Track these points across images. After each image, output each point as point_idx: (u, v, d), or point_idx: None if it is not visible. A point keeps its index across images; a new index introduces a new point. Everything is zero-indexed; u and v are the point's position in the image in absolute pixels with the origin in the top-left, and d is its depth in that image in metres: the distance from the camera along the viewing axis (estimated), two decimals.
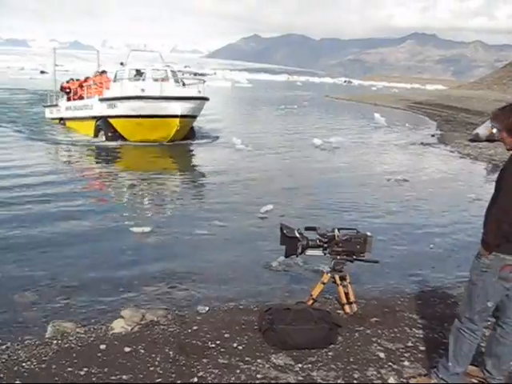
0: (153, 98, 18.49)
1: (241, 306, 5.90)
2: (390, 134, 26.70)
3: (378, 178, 14.60)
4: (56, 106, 25.56)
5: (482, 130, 21.78)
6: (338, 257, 5.64)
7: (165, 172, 15.25)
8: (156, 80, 19.74)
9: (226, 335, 5.00)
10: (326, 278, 5.71)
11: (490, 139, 20.99)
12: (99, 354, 4.60)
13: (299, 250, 5.64)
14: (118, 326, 5.19)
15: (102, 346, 4.74)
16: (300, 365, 4.49)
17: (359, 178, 14.66)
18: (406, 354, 4.76)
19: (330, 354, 4.70)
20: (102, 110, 20.20)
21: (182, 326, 5.24)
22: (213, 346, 4.79)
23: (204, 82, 21.55)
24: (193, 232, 8.91)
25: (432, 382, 4.17)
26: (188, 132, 20.43)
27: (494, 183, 3.93)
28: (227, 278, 6.99)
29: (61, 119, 25.03)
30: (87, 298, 6.20)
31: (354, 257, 5.67)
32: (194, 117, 20.09)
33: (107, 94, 20.30)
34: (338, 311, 5.63)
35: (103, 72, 22.95)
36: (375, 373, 4.41)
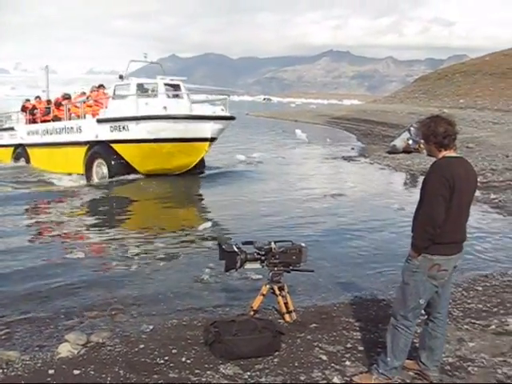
0: (180, 117, 15.34)
1: (184, 323, 6.01)
2: (312, 149, 27.50)
3: (304, 192, 15.03)
4: (8, 129, 21.92)
5: (399, 142, 22.81)
6: (276, 268, 5.89)
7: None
8: (169, 97, 16.67)
9: (173, 351, 5.13)
10: (265, 289, 5.94)
11: (407, 150, 22.07)
12: (49, 379, 4.61)
13: (238, 264, 5.85)
14: (65, 350, 5.20)
15: (51, 371, 4.74)
16: (249, 373, 4.69)
17: (285, 192, 15.06)
18: (346, 355, 5.06)
19: (275, 360, 4.94)
20: (100, 133, 16.49)
21: (128, 345, 5.31)
22: (162, 361, 4.91)
23: (228, 96, 18.39)
24: (125, 254, 8.97)
25: (373, 377, 4.48)
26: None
27: (413, 192, 4.34)
28: (166, 296, 7.08)
29: (16, 148, 21.29)
30: (28, 326, 6.13)
31: (291, 267, 5.94)
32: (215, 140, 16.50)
33: (109, 113, 16.53)
34: (279, 320, 5.86)
35: (100, 86, 18.93)
36: (320, 374, 4.67)
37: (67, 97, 19.48)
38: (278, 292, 5.87)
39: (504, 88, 51.57)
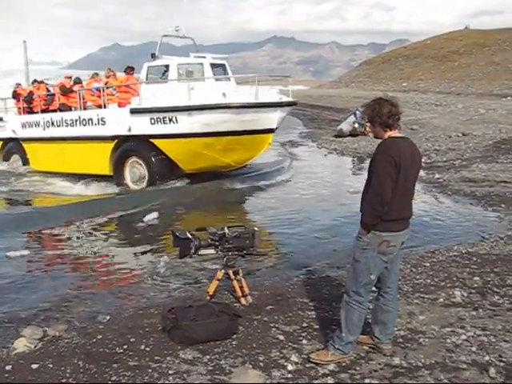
0: (247, 106, 12.53)
1: (141, 311, 6.02)
2: None
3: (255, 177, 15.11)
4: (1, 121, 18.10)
5: (345, 126, 23.18)
6: (230, 253, 5.96)
7: None
8: (218, 80, 14.30)
9: (131, 339, 5.15)
10: (220, 274, 6.02)
11: (353, 134, 22.46)
12: (6, 375, 4.56)
13: (192, 250, 5.91)
14: (21, 346, 5.15)
15: (8, 367, 4.69)
16: (208, 356, 4.76)
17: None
18: (303, 334, 5.19)
19: (233, 343, 5.02)
20: (135, 126, 13.47)
21: (85, 337, 5.30)
22: (121, 351, 4.93)
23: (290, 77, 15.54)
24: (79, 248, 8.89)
25: (330, 353, 4.62)
26: None
27: (361, 173, 4.50)
28: (121, 287, 7.07)
29: (6, 143, 18.04)
30: None
31: (245, 252, 6.03)
32: None
33: (145, 102, 13.32)
34: (235, 304, 5.95)
35: (130, 69, 14.81)
36: (278, 353, 4.78)
37: (78, 81, 16.10)
38: (232, 276, 5.95)
39: (445, 71, 52.85)
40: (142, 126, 13.31)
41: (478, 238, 8.72)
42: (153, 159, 13.49)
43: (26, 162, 17.22)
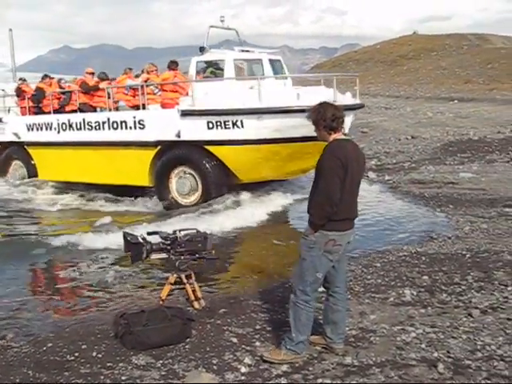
0: None
1: (92, 318, 5.94)
2: None
3: None
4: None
5: None
6: (182, 257, 5.94)
7: None
8: (277, 79, 12.64)
9: (83, 346, 5.07)
10: (172, 278, 5.99)
11: None
12: None
13: (144, 255, 5.86)
14: None
15: None
16: (161, 361, 4.74)
17: None
18: (256, 336, 5.22)
19: (187, 347, 5.01)
20: (187, 130, 11.47)
21: (35, 345, 5.20)
22: (72, 358, 4.85)
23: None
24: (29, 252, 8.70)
25: (282, 352, 4.67)
26: None
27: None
28: (72, 296, 6.95)
29: (5, 147, 15.35)
30: None
31: (197, 255, 6.02)
32: None
33: (199, 102, 11.36)
34: (188, 308, 5.93)
35: (174, 64, 12.81)
36: (231, 356, 4.80)
37: (105, 77, 13.93)
38: (185, 280, 5.94)
39: (394, 75, 53.86)
40: (197, 130, 11.34)
41: (427, 237, 8.93)
42: (208, 169, 11.46)
43: (31, 170, 14.80)
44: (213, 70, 12.31)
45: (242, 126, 10.95)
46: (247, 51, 12.98)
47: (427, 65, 52.42)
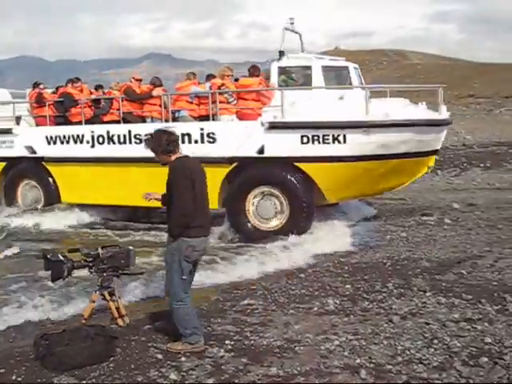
0: (431, 124, 10.21)
1: (10, 340, 5.73)
2: None
3: None
4: (7, 133, 12.84)
5: None
6: (105, 274, 5.82)
7: None
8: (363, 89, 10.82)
9: (1, 370, 4.86)
10: (95, 296, 5.87)
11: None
12: None
13: (65, 273, 5.70)
14: None
15: None
16: (84, 381, 4.60)
17: None
18: (181, 351, 5.16)
19: (111, 365, 4.89)
20: (274, 145, 10.07)
21: None
22: None
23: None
24: None
25: (180, 343, 5.16)
26: None
27: None
28: None
29: (12, 165, 13.02)
30: None
31: (120, 271, 5.93)
32: None
33: (288, 113, 9.96)
34: (112, 326, 5.80)
35: (256, 69, 11.09)
36: (157, 373, 4.73)
37: (158, 83, 12.03)
38: (108, 297, 5.82)
39: None
40: (287, 145, 10.00)
41: (350, 247, 9.19)
42: (298, 189, 10.08)
43: (49, 191, 12.61)
44: (285, 77, 10.99)
45: (345, 142, 9.74)
46: (311, 57, 11.54)
47: None
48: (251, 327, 5.75)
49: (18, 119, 13.04)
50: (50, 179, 12.47)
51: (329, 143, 9.75)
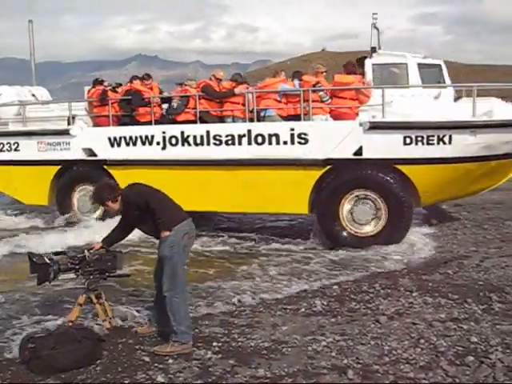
0: None
1: None
2: None
3: None
4: (55, 134, 11.95)
5: None
6: (91, 276, 5.78)
7: None
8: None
9: None
10: (81, 299, 5.81)
11: None
12: None
13: (51, 276, 5.64)
14: None
15: None
16: None
17: None
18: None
19: (98, 368, 4.88)
20: (370, 146, 9.59)
21: None
22: None
23: None
24: None
25: (169, 345, 5.16)
26: None
27: None
28: None
29: (66, 168, 11.98)
30: None
31: (107, 274, 5.88)
32: None
33: (389, 113, 9.54)
34: (99, 328, 5.76)
35: (353, 66, 10.73)
36: (144, 375, 4.72)
37: (241, 80, 11.34)
38: (95, 300, 5.79)
39: None
40: (387, 146, 9.51)
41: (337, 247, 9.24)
42: (398, 192, 9.59)
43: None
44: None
45: (450, 143, 9.34)
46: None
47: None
48: (238, 329, 5.75)
49: (71, 119, 12.00)
50: None
51: (433, 144, 9.37)
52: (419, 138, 9.33)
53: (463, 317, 5.79)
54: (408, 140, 9.36)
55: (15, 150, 12.28)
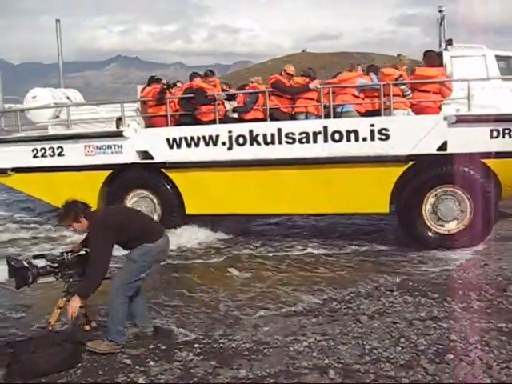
0: None
1: None
2: None
3: None
4: (105, 136, 11.10)
5: None
6: (71, 279, 5.72)
7: None
8: None
9: None
10: (61, 302, 5.73)
11: None
12: None
13: (30, 280, 5.56)
14: None
15: None
16: None
17: None
18: (150, 356, 5.15)
19: (78, 372, 4.85)
20: (455, 141, 9.24)
21: None
22: None
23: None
24: None
25: (104, 343, 5.21)
26: None
27: None
28: None
29: (118, 172, 11.16)
30: None
31: None
32: None
33: (482, 107, 9.28)
34: (79, 331, 5.73)
35: (435, 59, 10.06)
36: (125, 378, 4.71)
37: (313, 76, 10.70)
38: None
39: None
40: (474, 141, 9.17)
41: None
42: (485, 187, 9.21)
43: (169, 202, 10.81)
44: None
45: None
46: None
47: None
48: (220, 330, 5.75)
49: (118, 121, 11.28)
50: (169, 188, 10.78)
51: None
52: (506, 131, 9.08)
53: (443, 315, 5.85)
54: (495, 133, 9.10)
55: (59, 155, 11.34)
